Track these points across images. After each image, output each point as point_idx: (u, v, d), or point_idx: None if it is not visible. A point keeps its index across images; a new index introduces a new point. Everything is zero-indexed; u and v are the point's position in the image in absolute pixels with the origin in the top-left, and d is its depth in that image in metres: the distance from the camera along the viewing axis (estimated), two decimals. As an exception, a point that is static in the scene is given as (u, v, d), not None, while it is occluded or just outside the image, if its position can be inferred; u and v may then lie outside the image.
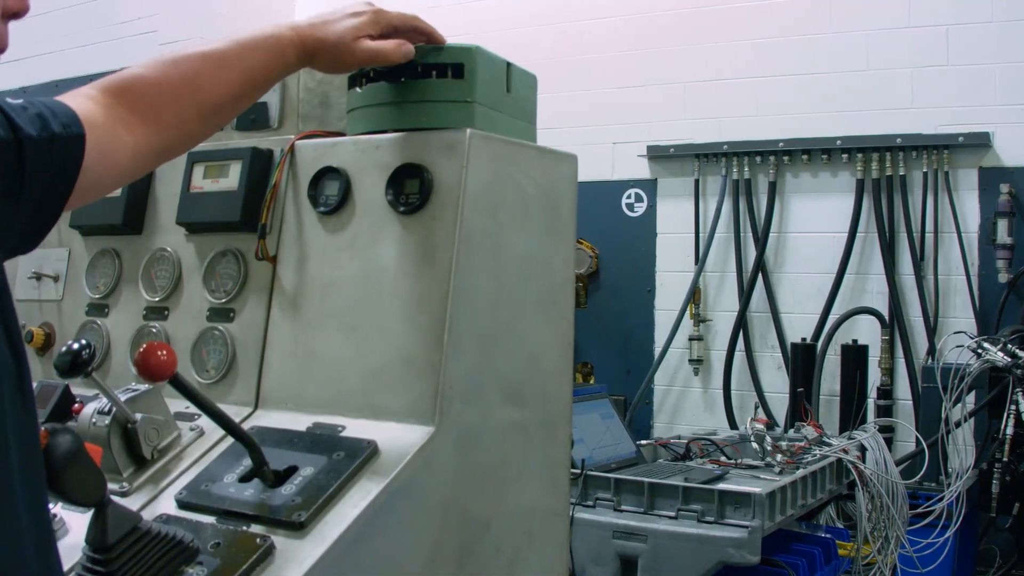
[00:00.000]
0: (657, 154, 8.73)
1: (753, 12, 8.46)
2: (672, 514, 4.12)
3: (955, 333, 6.86)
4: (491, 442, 2.41)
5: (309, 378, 2.43)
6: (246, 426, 2.36)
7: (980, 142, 7.60)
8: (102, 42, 9.60)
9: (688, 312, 8.51)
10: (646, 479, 4.24)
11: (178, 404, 2.37)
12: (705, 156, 8.60)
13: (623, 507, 4.25)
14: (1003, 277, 7.42)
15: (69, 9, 9.92)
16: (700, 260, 8.53)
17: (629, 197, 8.89)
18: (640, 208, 8.86)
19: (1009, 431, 5.69)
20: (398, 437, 2.22)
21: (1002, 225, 7.40)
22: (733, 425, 8.02)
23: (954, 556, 5.72)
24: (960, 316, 7.70)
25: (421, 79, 2.43)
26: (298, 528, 2.07)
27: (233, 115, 2.22)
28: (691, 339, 8.55)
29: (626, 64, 8.91)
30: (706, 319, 8.60)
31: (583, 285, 8.83)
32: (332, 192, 2.47)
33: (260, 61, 2.16)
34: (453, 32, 2.52)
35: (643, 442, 5.19)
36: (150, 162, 2.04)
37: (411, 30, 2.41)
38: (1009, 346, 5.88)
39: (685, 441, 5.22)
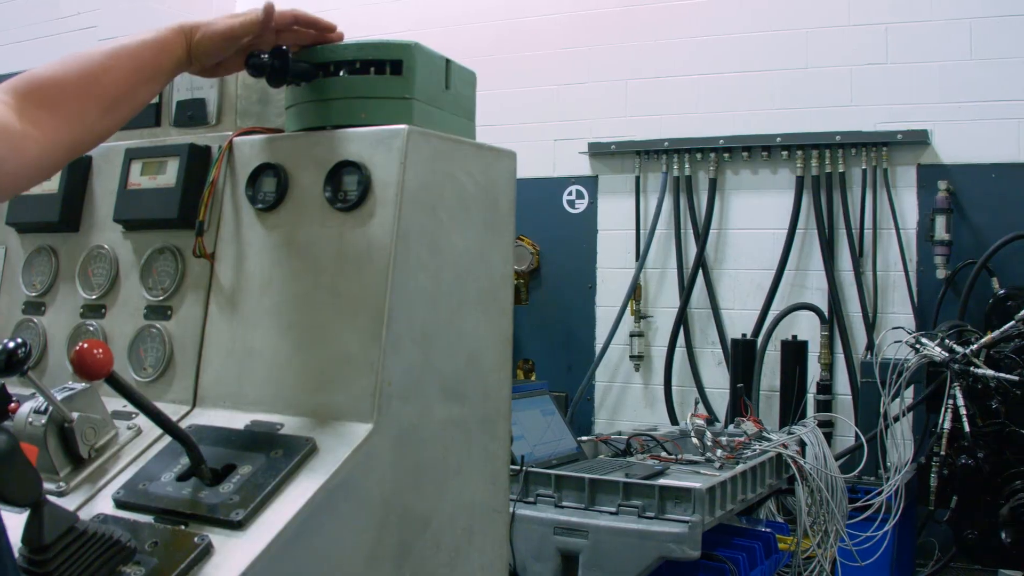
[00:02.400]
0: (598, 151, 8.75)
1: (694, 10, 8.50)
2: (613, 510, 4.13)
3: (893, 328, 6.90)
4: (430, 439, 2.41)
5: (247, 376, 2.41)
6: (184, 424, 2.34)
7: (918, 140, 7.67)
8: (42, 37, 9.53)
9: (629, 308, 8.54)
10: (587, 475, 4.25)
11: (116, 403, 2.36)
12: (646, 153, 8.63)
13: (564, 503, 4.25)
14: (941, 273, 7.49)
15: (9, 3, 9.85)
16: (641, 257, 8.55)
17: (570, 194, 8.90)
18: (581, 205, 8.88)
19: (947, 425, 5.72)
20: (337, 435, 2.21)
21: (940, 222, 7.47)
22: (674, 421, 8.06)
23: (893, 549, 5.75)
24: (898, 312, 7.77)
25: (359, 75, 2.43)
26: (236, 527, 2.06)
27: (132, 109, 2.24)
28: (632, 335, 8.57)
29: (568, 61, 8.93)
30: (647, 315, 8.63)
31: (524, 282, 8.84)
32: (270, 189, 2.46)
33: (151, 53, 2.23)
34: (393, 29, 2.52)
35: (584, 438, 5.21)
36: (60, 159, 2.09)
37: (291, 22, 2.42)
38: (947, 341, 5.92)
39: (626, 437, 5.24)
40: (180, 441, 2.18)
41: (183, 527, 2.11)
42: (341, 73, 2.45)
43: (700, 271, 8.40)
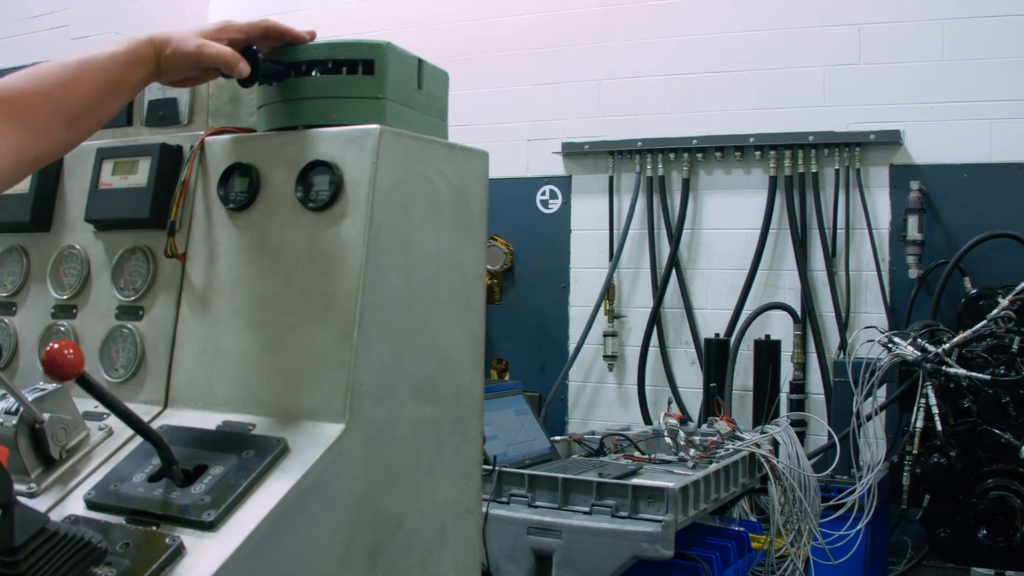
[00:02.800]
0: (572, 151, 8.76)
1: (667, 10, 8.51)
2: (586, 509, 4.13)
3: (866, 328, 6.92)
4: (402, 439, 2.41)
5: (219, 376, 2.41)
6: (155, 425, 2.34)
7: (891, 140, 7.70)
8: (14, 36, 9.49)
9: (602, 308, 8.55)
10: (560, 475, 4.25)
11: (87, 403, 2.34)
12: (620, 153, 8.64)
13: (537, 503, 4.26)
14: (913, 273, 7.52)
15: (-20, 3, 9.82)
16: (614, 257, 8.56)
17: (544, 194, 8.91)
18: (555, 205, 8.89)
19: (919, 424, 5.74)
20: (308, 435, 2.21)
21: (912, 222, 7.50)
22: (647, 420, 8.07)
23: (866, 548, 5.77)
24: (871, 311, 7.80)
25: (331, 75, 2.42)
26: (207, 527, 2.05)
27: (99, 121, 2.26)
28: (605, 335, 8.59)
29: (541, 61, 8.94)
30: (620, 315, 8.64)
31: (498, 282, 8.85)
32: (242, 189, 2.46)
33: (120, 66, 2.23)
34: (366, 29, 2.53)
35: (557, 438, 5.21)
36: (23, 170, 2.10)
37: (262, 34, 2.44)
38: (919, 340, 5.94)
39: (599, 437, 5.24)
40: (151, 442, 2.18)
41: (154, 528, 2.10)
42: (313, 73, 2.44)
43: (673, 271, 8.41)
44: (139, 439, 2.28)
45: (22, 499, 2.01)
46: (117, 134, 2.81)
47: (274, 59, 2.45)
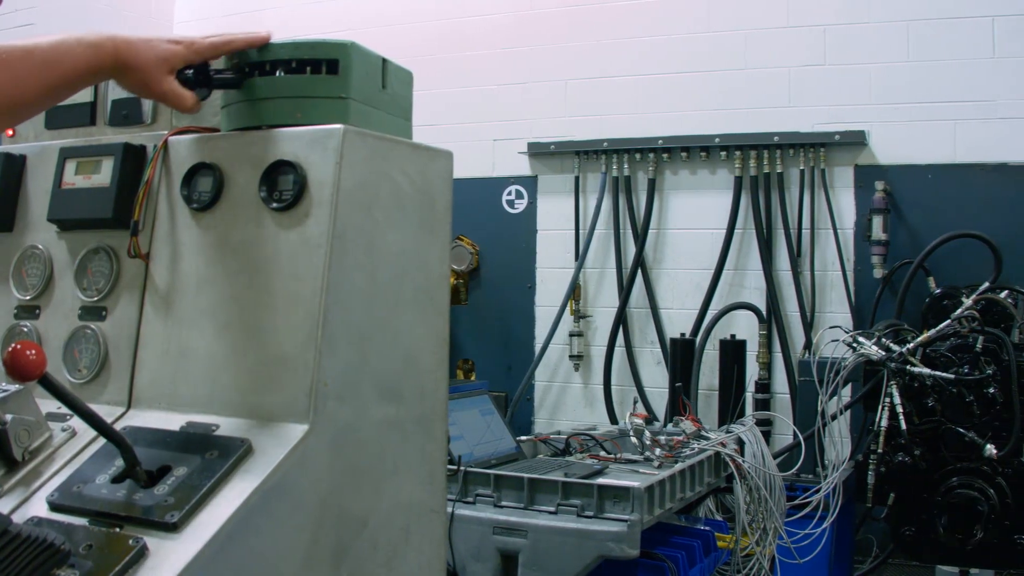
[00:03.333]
0: (538, 151, 8.77)
1: (634, 10, 8.53)
2: (552, 509, 4.12)
3: (831, 328, 6.95)
4: (367, 439, 2.40)
5: (182, 377, 2.40)
6: (118, 426, 2.33)
7: (856, 140, 7.74)
8: (-25, 35, 9.43)
9: (568, 308, 8.56)
10: (526, 475, 4.25)
11: (50, 404, 2.33)
12: (585, 153, 8.66)
13: (503, 503, 4.25)
14: (878, 273, 7.56)
15: (-58, 1, 9.74)
16: (580, 257, 8.58)
17: (510, 194, 8.92)
18: (521, 205, 8.89)
19: (884, 423, 5.76)
20: (272, 436, 2.20)
21: (877, 222, 7.54)
22: (613, 420, 8.09)
23: (831, 546, 5.78)
24: (836, 311, 7.84)
25: (295, 75, 2.42)
26: (171, 529, 2.05)
27: (40, 111, 2.25)
28: (571, 335, 8.60)
29: (508, 61, 8.94)
30: (586, 315, 8.66)
31: (464, 282, 8.85)
32: (205, 188, 2.44)
33: (76, 68, 2.21)
34: (331, 28, 2.52)
35: (523, 438, 5.21)
36: None
37: (227, 54, 2.47)
38: (883, 340, 5.97)
39: (565, 436, 5.24)
40: (114, 443, 2.17)
41: (118, 530, 2.09)
42: (277, 73, 2.43)
43: (639, 271, 8.44)
44: (102, 440, 2.27)
45: (-16, 501, 2.00)
46: (80, 133, 2.80)
47: (232, 63, 2.45)
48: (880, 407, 5.80)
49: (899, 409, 5.72)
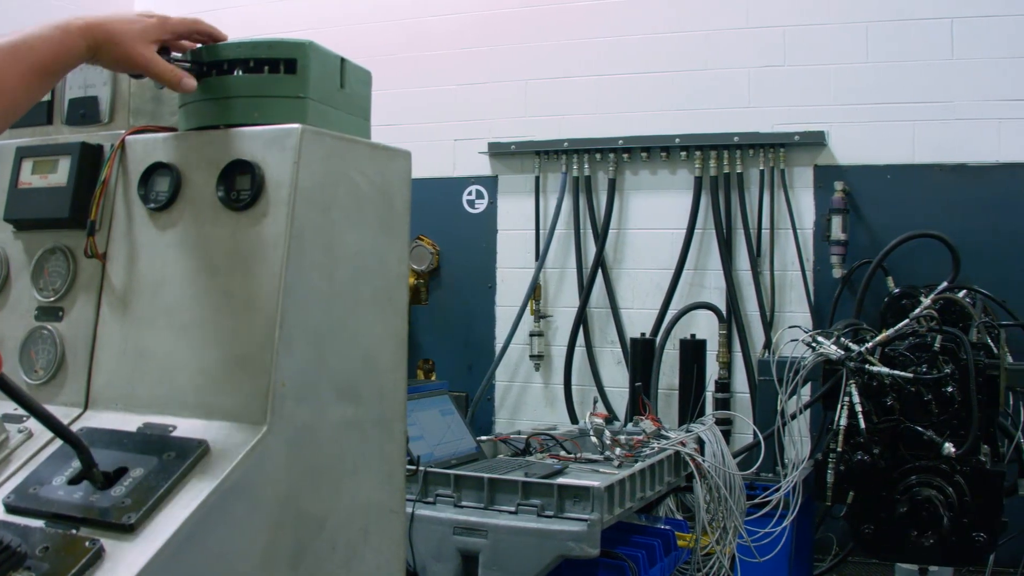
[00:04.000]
0: (498, 151, 8.78)
1: (594, 11, 8.55)
2: (512, 509, 4.12)
3: (790, 327, 6.97)
4: (325, 440, 2.40)
5: (140, 378, 2.38)
6: (75, 427, 2.31)
7: (815, 141, 7.78)
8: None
9: (529, 308, 8.57)
10: (486, 475, 4.24)
11: (6, 405, 2.31)
12: (546, 153, 8.67)
13: (463, 503, 4.24)
14: (837, 272, 7.60)
15: None
16: (540, 256, 8.59)
17: (470, 194, 8.92)
18: (481, 205, 8.89)
19: (843, 422, 5.77)
20: (230, 436, 2.20)
21: (836, 222, 7.58)
22: (574, 420, 8.10)
23: (791, 545, 5.80)
24: (795, 311, 7.87)
25: (253, 74, 2.41)
26: (128, 530, 2.04)
27: (27, 105, 2.21)
28: (532, 335, 8.61)
29: (468, 61, 8.94)
30: (546, 315, 8.67)
31: (424, 282, 8.85)
32: (163, 188, 2.43)
33: (51, 51, 2.19)
34: (292, 27, 2.52)
35: (483, 438, 5.20)
36: None
37: (194, 34, 2.45)
38: (842, 339, 5.98)
39: (525, 436, 5.24)
40: (71, 444, 2.15)
41: (74, 532, 2.08)
42: (235, 72, 2.43)
43: (600, 271, 8.46)
44: (59, 442, 2.25)
45: (-61, 503, 1.99)
46: (37, 133, 2.78)
47: (195, 59, 2.44)
48: (839, 406, 5.81)
49: (858, 408, 5.73)
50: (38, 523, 2.13)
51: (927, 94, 7.63)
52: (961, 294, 6.56)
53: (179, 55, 2.44)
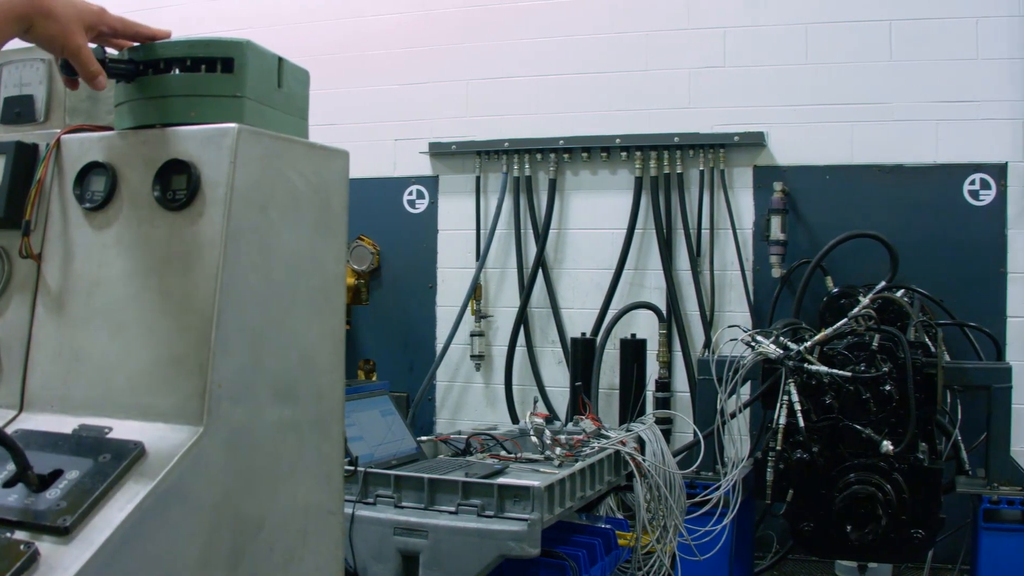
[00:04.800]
0: (439, 151, 8.77)
1: (535, 11, 8.55)
2: (452, 509, 4.11)
3: (730, 327, 7.02)
4: (262, 441, 2.38)
5: (75, 379, 2.36)
6: (10, 429, 2.29)
7: (755, 141, 7.83)
8: None
9: (469, 308, 8.58)
10: (426, 475, 4.23)
11: (-60, 408, 2.30)
12: (487, 153, 8.67)
13: (403, 503, 4.23)
14: (776, 272, 7.65)
15: None
16: (481, 256, 8.59)
17: (411, 194, 8.90)
18: (422, 205, 8.88)
19: (782, 421, 5.81)
20: (166, 438, 2.18)
21: (775, 222, 7.62)
22: (515, 420, 8.12)
23: (732, 543, 5.83)
24: (735, 310, 7.91)
25: (190, 73, 2.39)
26: (63, 533, 2.02)
27: None
28: (473, 335, 8.61)
29: (408, 61, 8.93)
30: (487, 315, 8.67)
31: (365, 282, 8.83)
32: (98, 188, 2.41)
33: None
34: (230, 26, 2.50)
35: (424, 438, 5.19)
36: None
37: (132, 36, 2.43)
38: (781, 339, 6.02)
39: (466, 436, 5.24)
40: (5, 447, 2.13)
41: (9, 535, 2.05)
42: (172, 71, 2.41)
43: (540, 271, 8.47)
44: (-7, 444, 2.23)
45: None
46: (-29, 131, 2.75)
47: (127, 58, 2.42)
48: (778, 405, 5.85)
49: (797, 407, 5.77)
50: (-29, 526, 2.11)
51: (866, 95, 7.69)
52: (899, 293, 6.64)
53: (115, 52, 2.42)
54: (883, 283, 6.68)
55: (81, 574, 1.96)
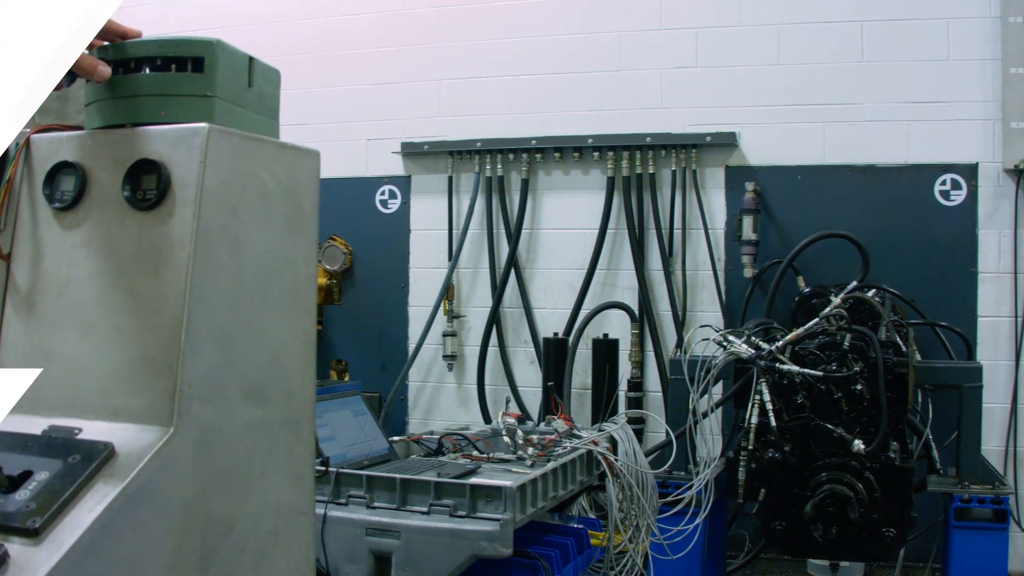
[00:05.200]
0: (411, 151, 8.76)
1: (507, 11, 8.56)
2: (424, 509, 4.11)
3: (702, 327, 7.03)
4: (233, 441, 2.38)
5: (45, 379, 2.33)
6: (-22, 430, 2.28)
7: (727, 142, 7.85)
8: None
9: (442, 308, 8.58)
10: (398, 475, 4.22)
11: (-93, 409, 2.28)
12: (459, 153, 8.67)
13: (376, 504, 4.22)
14: (748, 272, 7.67)
15: None
16: (453, 256, 8.59)
17: (383, 194, 8.89)
18: (394, 205, 8.87)
19: (754, 420, 5.82)
20: (136, 438, 2.17)
21: (747, 222, 7.64)
22: (487, 419, 8.12)
23: (704, 542, 5.83)
24: (707, 310, 7.93)
25: (160, 72, 2.38)
26: (33, 535, 2.01)
27: None
28: (445, 335, 8.61)
29: (381, 61, 8.92)
30: (460, 315, 8.67)
31: (337, 282, 8.82)
32: (68, 188, 2.40)
33: None
34: (202, 26, 2.49)
35: (396, 438, 5.18)
36: None
37: (102, 34, 2.40)
38: (753, 338, 6.03)
39: (438, 436, 5.23)
40: (-27, 447, 2.13)
41: (-22, 536, 2.05)
42: (142, 70, 2.40)
43: (513, 271, 8.47)
44: (-39, 445, 2.22)
45: None
46: (-61, 132, 2.73)
47: (98, 57, 2.41)
48: (750, 404, 5.87)
49: (769, 406, 5.78)
50: (-60, 528, 2.09)
51: (837, 96, 7.73)
52: (870, 293, 6.65)
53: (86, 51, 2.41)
54: (854, 283, 6.70)
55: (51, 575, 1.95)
